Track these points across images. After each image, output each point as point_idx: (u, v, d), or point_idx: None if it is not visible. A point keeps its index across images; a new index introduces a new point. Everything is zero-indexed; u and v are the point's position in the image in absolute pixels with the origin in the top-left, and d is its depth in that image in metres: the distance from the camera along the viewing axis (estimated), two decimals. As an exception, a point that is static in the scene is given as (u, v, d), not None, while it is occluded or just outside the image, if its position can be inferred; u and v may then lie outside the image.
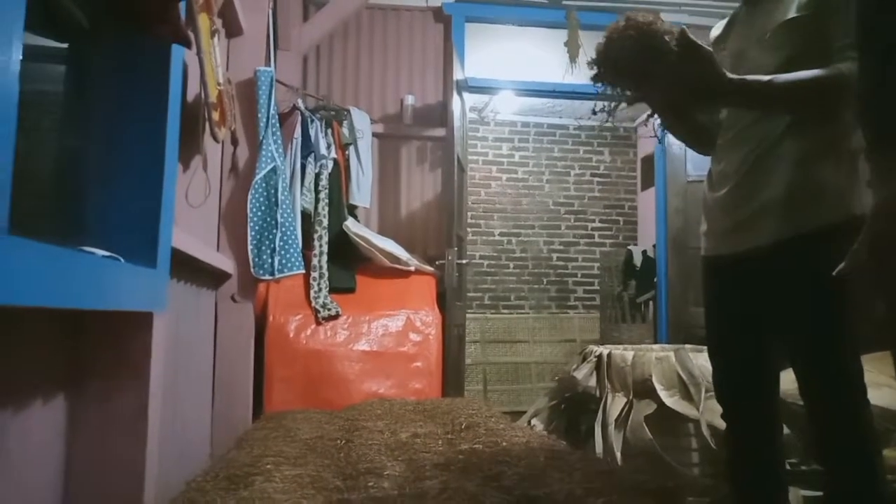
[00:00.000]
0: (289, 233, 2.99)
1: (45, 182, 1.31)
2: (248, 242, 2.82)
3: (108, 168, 1.48)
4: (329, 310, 3.15)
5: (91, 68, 1.49)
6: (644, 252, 5.25)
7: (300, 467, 1.66)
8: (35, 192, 1.29)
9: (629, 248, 5.61)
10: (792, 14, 1.49)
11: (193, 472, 1.82)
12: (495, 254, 6.20)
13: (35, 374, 1.26)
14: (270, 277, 2.90)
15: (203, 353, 2.60)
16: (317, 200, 3.33)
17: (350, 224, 3.44)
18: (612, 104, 1.52)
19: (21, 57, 0.85)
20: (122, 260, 1.34)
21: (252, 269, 2.87)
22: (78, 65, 1.46)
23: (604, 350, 3.19)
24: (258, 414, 2.82)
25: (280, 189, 2.83)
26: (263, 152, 2.79)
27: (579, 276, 6.32)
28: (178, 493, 1.52)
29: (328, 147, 3.43)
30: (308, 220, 3.30)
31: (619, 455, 2.82)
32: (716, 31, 1.77)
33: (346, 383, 3.02)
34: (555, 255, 6.31)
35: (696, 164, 4.22)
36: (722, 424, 1.69)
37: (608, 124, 6.41)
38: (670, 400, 2.84)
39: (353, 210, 3.67)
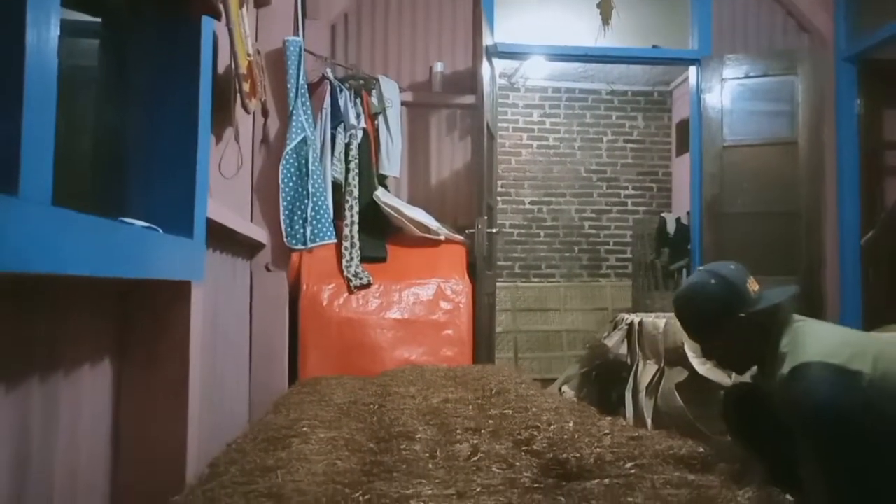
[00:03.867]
0: (320, 203, 3.02)
1: (85, 155, 1.35)
2: (281, 213, 2.86)
3: (144, 141, 1.51)
4: (361, 279, 3.19)
5: (126, 42, 1.51)
6: (678, 219, 5.16)
7: (335, 430, 1.71)
8: (75, 165, 1.33)
9: (662, 215, 5.52)
10: None
11: (233, 434, 1.90)
12: (526, 223, 6.17)
13: (83, 342, 1.32)
14: (303, 247, 2.95)
15: (240, 321, 2.68)
16: (347, 170, 3.35)
17: (380, 194, 3.45)
18: None
19: (58, 32, 0.87)
20: (160, 230, 1.38)
21: (285, 240, 2.91)
22: (113, 39, 1.48)
23: (635, 318, 3.18)
24: (294, 380, 2.89)
25: (311, 159, 2.85)
26: (293, 123, 2.80)
27: (611, 244, 6.26)
28: (220, 454, 1.59)
29: (357, 117, 3.43)
30: (339, 190, 3.33)
31: (649, 422, 2.83)
32: None
33: (379, 350, 3.07)
34: (586, 224, 6.25)
35: (733, 129, 4.12)
36: None
37: (642, 88, 6.27)
38: (702, 368, 2.83)
39: (382, 180, 3.68)
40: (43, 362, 1.16)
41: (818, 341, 1.44)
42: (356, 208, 3.32)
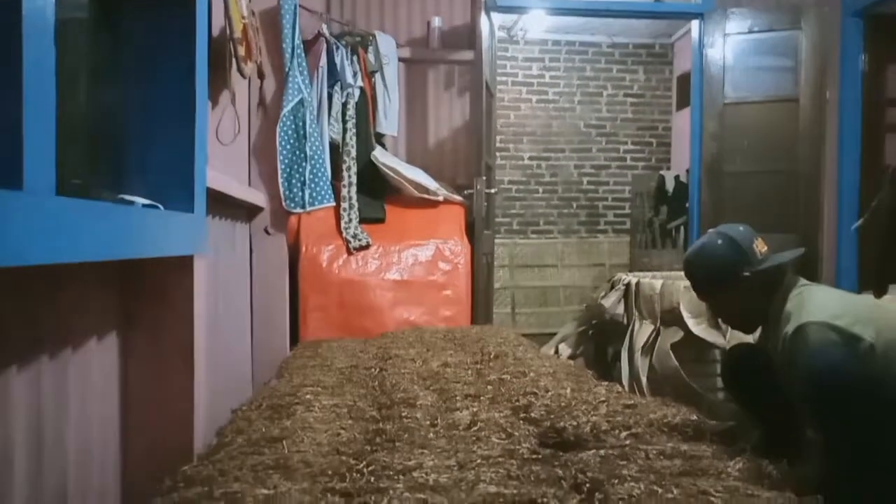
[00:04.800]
0: (318, 165, 3.01)
1: (81, 129, 1.33)
2: (279, 176, 2.85)
3: (141, 112, 1.50)
4: (360, 240, 3.20)
5: (119, 11, 1.48)
6: (676, 177, 5.15)
7: (338, 397, 1.75)
8: (71, 140, 1.32)
9: (661, 173, 5.50)
10: None
11: (238, 399, 1.94)
12: (524, 178, 6.14)
13: (89, 315, 1.34)
14: (302, 210, 2.95)
15: (241, 285, 2.70)
16: (344, 130, 3.32)
17: (378, 154, 3.43)
18: None
19: (54, 19, 0.86)
20: (161, 208, 1.38)
21: (283, 203, 2.92)
22: (105, 9, 1.45)
23: (632, 278, 3.21)
24: (295, 342, 2.94)
25: (308, 122, 2.83)
26: (290, 84, 2.76)
27: (610, 200, 6.25)
28: (227, 422, 1.63)
29: (354, 75, 3.37)
30: (336, 150, 3.30)
31: (644, 381, 2.89)
32: None
33: (379, 311, 3.11)
34: (585, 179, 6.23)
35: (734, 86, 4.06)
36: None
37: (644, 40, 6.14)
38: (698, 328, 2.87)
39: (380, 139, 3.65)
40: (51, 338, 1.18)
41: (823, 304, 1.47)
42: (354, 169, 3.30)
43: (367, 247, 3.22)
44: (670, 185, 5.18)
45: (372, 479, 1.18)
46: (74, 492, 1.21)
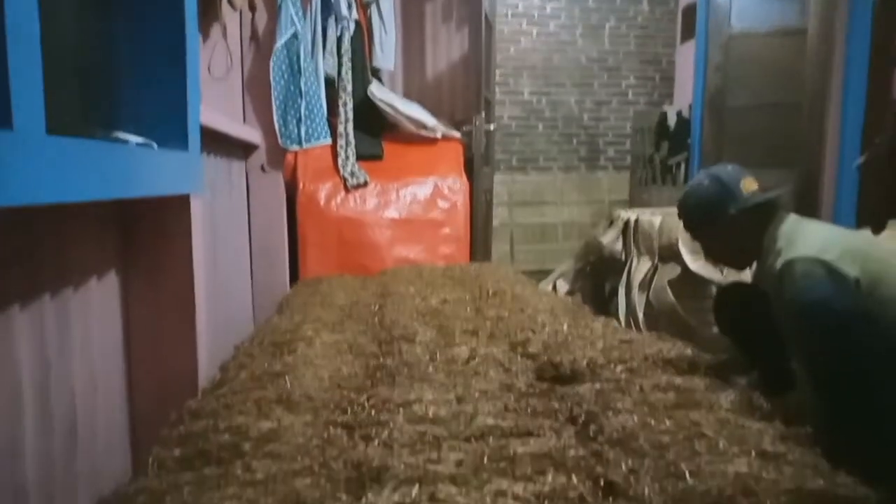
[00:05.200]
0: (313, 101, 2.95)
1: (70, 68, 1.30)
2: (274, 112, 2.80)
3: (131, 47, 1.45)
4: (357, 178, 3.17)
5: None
6: (679, 112, 5.04)
7: (338, 333, 1.77)
8: (60, 79, 1.29)
9: (663, 109, 5.39)
10: None
11: (240, 335, 1.97)
12: (524, 114, 6.03)
13: (88, 257, 1.34)
14: (298, 147, 2.91)
15: (239, 223, 2.70)
16: (339, 65, 3.23)
17: (374, 89, 3.35)
18: None
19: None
20: (155, 146, 1.36)
21: (279, 140, 2.87)
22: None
23: (631, 215, 3.21)
24: (295, 280, 2.96)
25: (302, 56, 2.75)
26: (283, 17, 2.68)
27: (610, 135, 6.16)
28: (230, 358, 1.66)
29: (349, 7, 3.25)
30: (331, 86, 3.22)
31: (641, 316, 2.93)
32: None
33: (378, 249, 3.11)
34: (586, 115, 6.12)
35: (740, 16, 3.94)
36: None
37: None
38: (695, 264, 2.89)
39: (376, 73, 3.56)
40: (52, 279, 1.19)
41: (812, 239, 1.48)
42: (350, 105, 3.23)
43: (364, 185, 3.19)
44: (672, 121, 5.08)
45: (373, 412, 1.21)
46: (83, 426, 1.25)
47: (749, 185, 1.64)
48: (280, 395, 1.27)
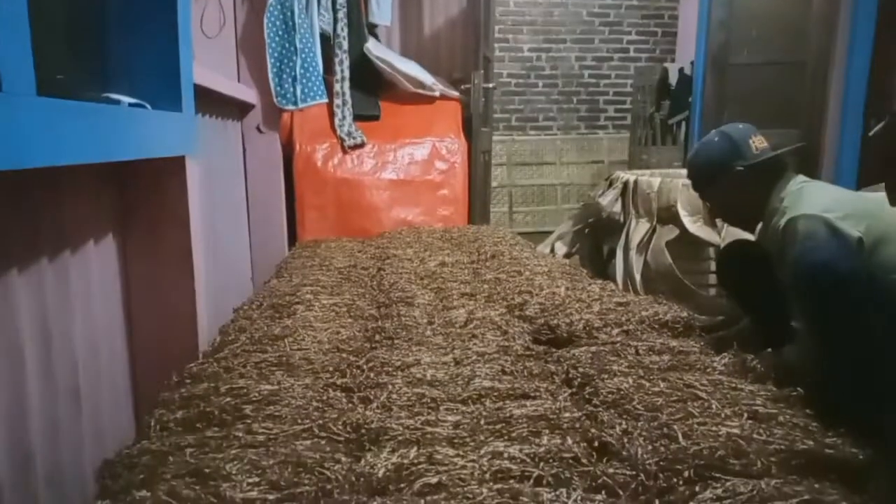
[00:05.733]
0: (309, 59, 2.89)
1: (59, 27, 1.27)
2: (269, 71, 2.75)
3: (121, 6, 1.42)
4: (354, 138, 3.14)
5: None
6: (681, 70, 4.96)
7: (337, 296, 1.78)
8: (50, 39, 1.26)
9: (664, 65, 5.30)
10: None
11: (239, 298, 1.98)
12: (524, 72, 5.94)
13: (85, 220, 1.33)
14: (294, 107, 2.87)
15: (235, 184, 2.68)
16: (335, 21, 3.16)
17: (371, 46, 3.29)
18: None
19: None
20: (148, 107, 1.34)
21: (275, 99, 2.83)
22: None
23: (630, 176, 3.19)
24: (293, 242, 2.96)
25: (296, 12, 2.69)
26: (276, -29, 2.60)
27: (611, 93, 6.08)
28: (229, 321, 1.67)
29: (344, -41, 3.17)
30: (327, 43, 3.16)
31: (638, 278, 2.94)
32: None
33: (376, 211, 3.10)
34: (586, 72, 6.03)
35: (746, -30, 3.83)
36: None
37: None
38: (693, 226, 2.88)
39: (373, 30, 3.49)
40: (50, 243, 1.19)
41: (817, 199, 1.48)
42: (346, 63, 3.18)
43: (361, 145, 3.16)
44: (674, 79, 5.01)
45: (371, 374, 1.23)
46: (86, 389, 1.26)
47: (759, 143, 1.65)
48: (280, 358, 1.28)
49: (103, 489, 0.92)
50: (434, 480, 0.86)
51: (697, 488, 0.83)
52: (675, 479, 0.86)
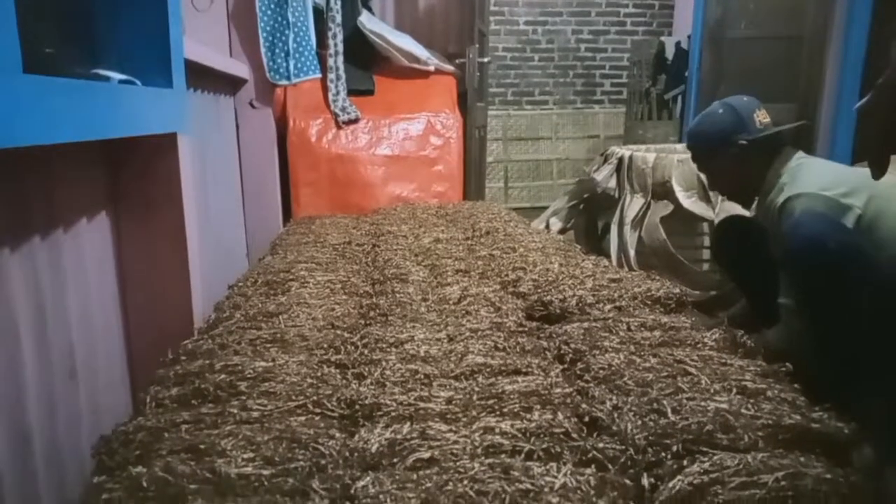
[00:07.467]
0: (302, 33, 2.86)
1: (50, 2, 1.25)
2: (261, 45, 2.72)
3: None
4: (348, 113, 3.12)
5: None
6: (678, 43, 4.92)
7: (331, 273, 1.79)
8: (37, 11, 1.24)
9: (661, 39, 5.26)
10: None
11: (234, 275, 1.98)
12: (519, 45, 5.88)
13: (77, 198, 1.33)
14: (287, 82, 2.84)
15: (229, 160, 2.66)
16: (328, -7, 3.11)
17: (364, 19, 3.24)
18: None
19: None
20: (138, 83, 1.33)
21: (267, 74, 2.80)
22: None
23: (625, 152, 3.18)
24: (288, 218, 2.95)
25: (289, -16, 2.64)
26: (267, -58, 2.55)
27: (607, 68, 6.03)
28: (223, 297, 1.67)
29: (337, -70, 3.11)
30: (320, 16, 3.12)
31: (632, 253, 2.96)
32: None
33: (371, 187, 3.09)
34: (583, 46, 5.97)
35: (745, -58, 3.78)
36: None
37: None
38: (688, 202, 2.89)
39: (367, 2, 3.44)
40: (41, 222, 1.18)
41: (816, 176, 1.48)
42: (340, 37, 3.14)
43: (356, 120, 3.14)
44: (670, 53, 4.97)
45: (366, 351, 1.24)
46: (82, 366, 1.27)
47: (762, 117, 1.65)
48: (274, 335, 1.29)
49: (100, 465, 0.93)
50: (426, 455, 0.87)
51: (685, 462, 0.85)
52: (663, 454, 0.88)
